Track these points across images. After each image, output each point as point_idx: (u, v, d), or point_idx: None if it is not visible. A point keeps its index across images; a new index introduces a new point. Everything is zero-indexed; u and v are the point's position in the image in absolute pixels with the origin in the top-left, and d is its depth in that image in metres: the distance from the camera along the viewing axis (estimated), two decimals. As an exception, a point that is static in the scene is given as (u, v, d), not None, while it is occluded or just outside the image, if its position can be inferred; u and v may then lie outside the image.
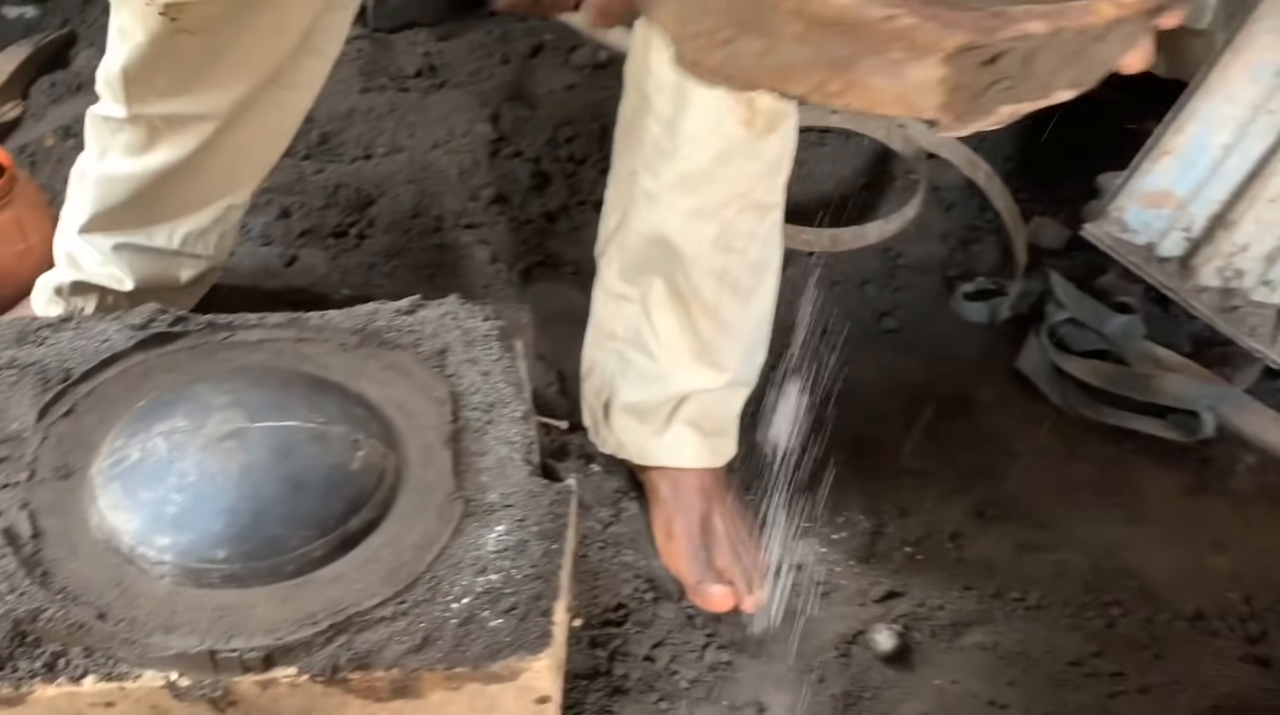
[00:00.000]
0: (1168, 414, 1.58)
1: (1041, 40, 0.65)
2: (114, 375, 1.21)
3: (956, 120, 0.69)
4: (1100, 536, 1.45)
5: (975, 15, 0.64)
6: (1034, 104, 0.70)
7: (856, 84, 0.68)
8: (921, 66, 0.65)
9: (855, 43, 0.66)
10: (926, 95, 0.67)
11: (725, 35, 0.68)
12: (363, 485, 1.12)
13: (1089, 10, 0.65)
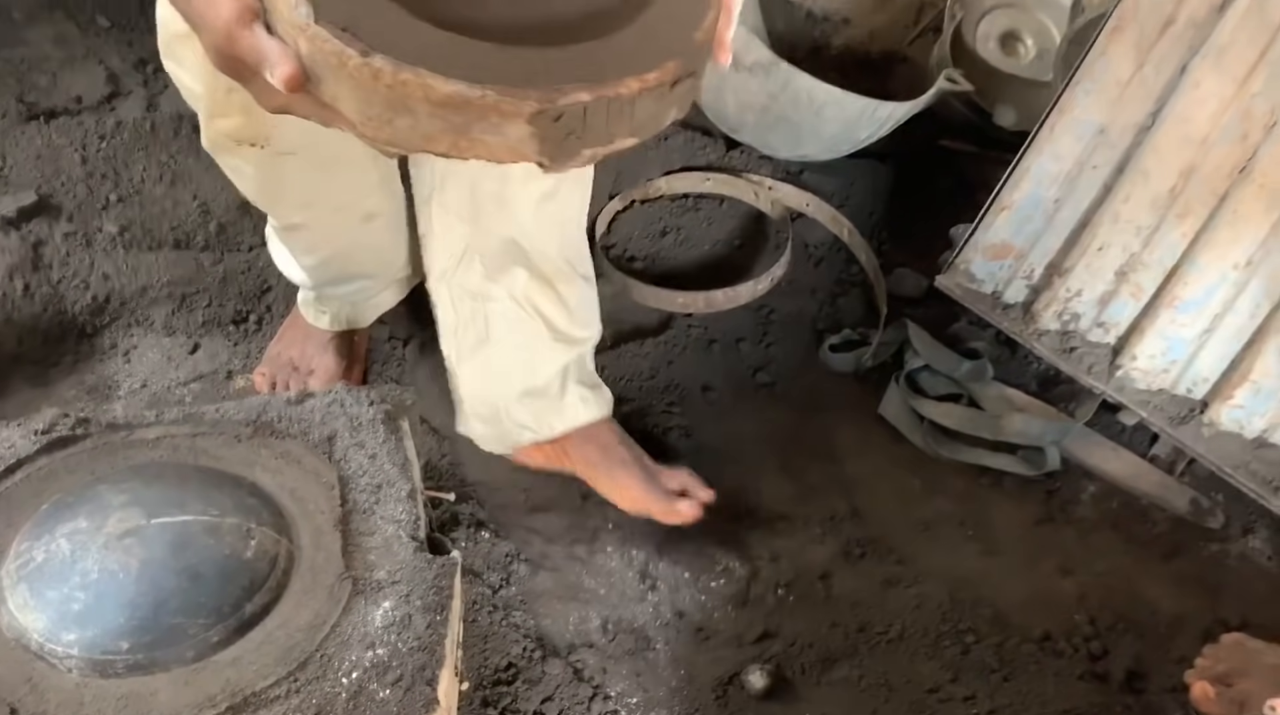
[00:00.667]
0: (1017, 450, 1.72)
1: (590, 104, 0.94)
2: (19, 480, 1.29)
3: (553, 163, 0.96)
4: (958, 568, 1.58)
5: (541, 89, 0.93)
6: (606, 149, 0.98)
7: (477, 142, 0.96)
8: (514, 127, 0.93)
9: (467, 114, 0.94)
10: (525, 146, 0.95)
11: (386, 118, 0.96)
12: (256, 572, 1.21)
13: (621, 84, 0.95)
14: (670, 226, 2.02)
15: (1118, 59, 1.67)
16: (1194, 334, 1.66)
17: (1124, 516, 1.66)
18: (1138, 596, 1.55)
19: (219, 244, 1.86)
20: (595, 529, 1.58)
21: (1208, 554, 1.62)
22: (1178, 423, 1.66)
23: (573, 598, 1.48)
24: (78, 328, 1.74)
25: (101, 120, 1.95)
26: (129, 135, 1.94)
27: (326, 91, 0.97)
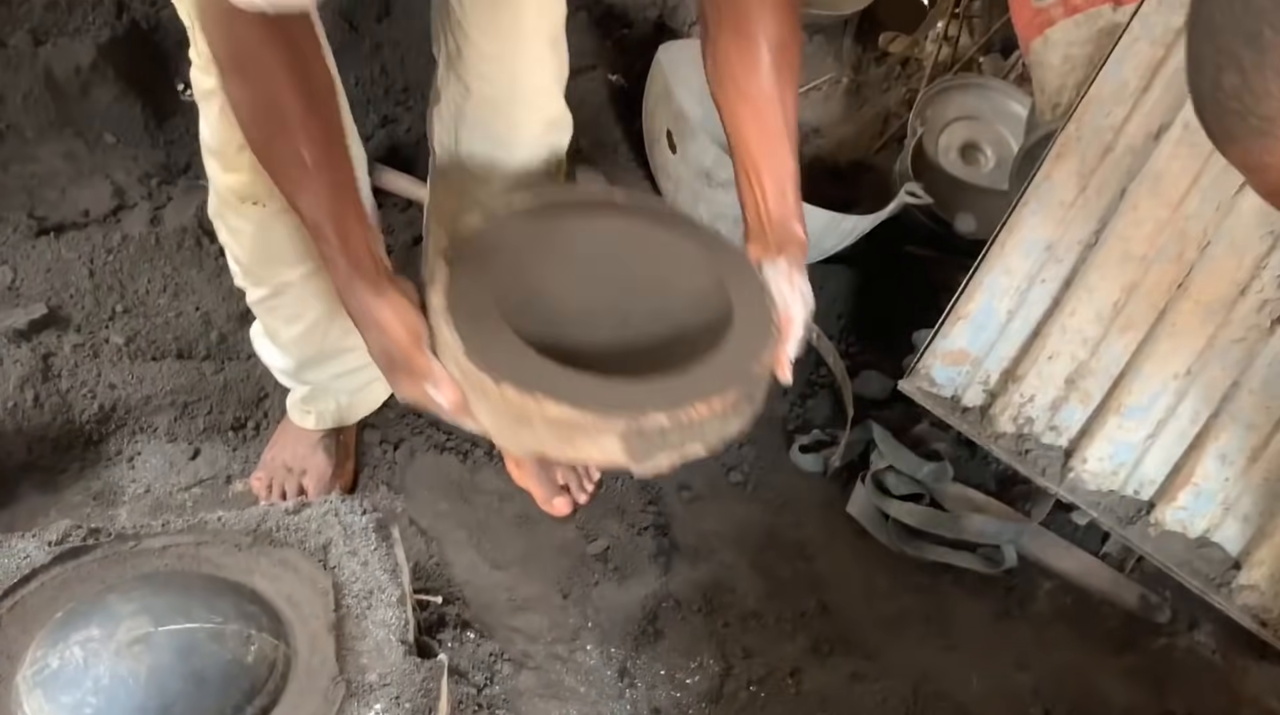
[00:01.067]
0: (977, 548, 1.81)
1: (667, 425, 1.20)
2: (34, 589, 1.38)
3: (638, 467, 1.21)
4: (921, 664, 1.66)
5: (629, 413, 1.19)
6: (680, 456, 1.23)
7: (580, 449, 1.24)
8: (608, 440, 1.21)
9: (573, 429, 1.21)
10: (616, 454, 1.21)
11: (511, 428, 1.24)
12: (256, 676, 1.29)
13: (692, 409, 1.20)
14: (648, 332, 2.13)
15: (1061, 182, 1.80)
16: (1139, 438, 1.76)
17: (1077, 612, 1.75)
18: (1090, 690, 1.64)
19: (219, 353, 1.96)
20: (576, 627, 1.66)
21: (1156, 647, 1.71)
22: (1126, 522, 1.76)
23: (554, 696, 1.56)
24: (85, 436, 1.83)
25: (108, 234, 2.06)
26: (134, 248, 2.05)
27: (474, 405, 1.28)
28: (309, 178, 1.30)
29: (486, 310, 1.29)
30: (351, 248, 1.32)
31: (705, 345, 1.29)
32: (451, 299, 1.30)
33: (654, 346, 1.32)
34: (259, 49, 1.24)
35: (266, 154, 1.32)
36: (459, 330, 1.27)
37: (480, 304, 1.30)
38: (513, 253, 1.37)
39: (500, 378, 1.22)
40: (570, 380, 1.23)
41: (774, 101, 1.43)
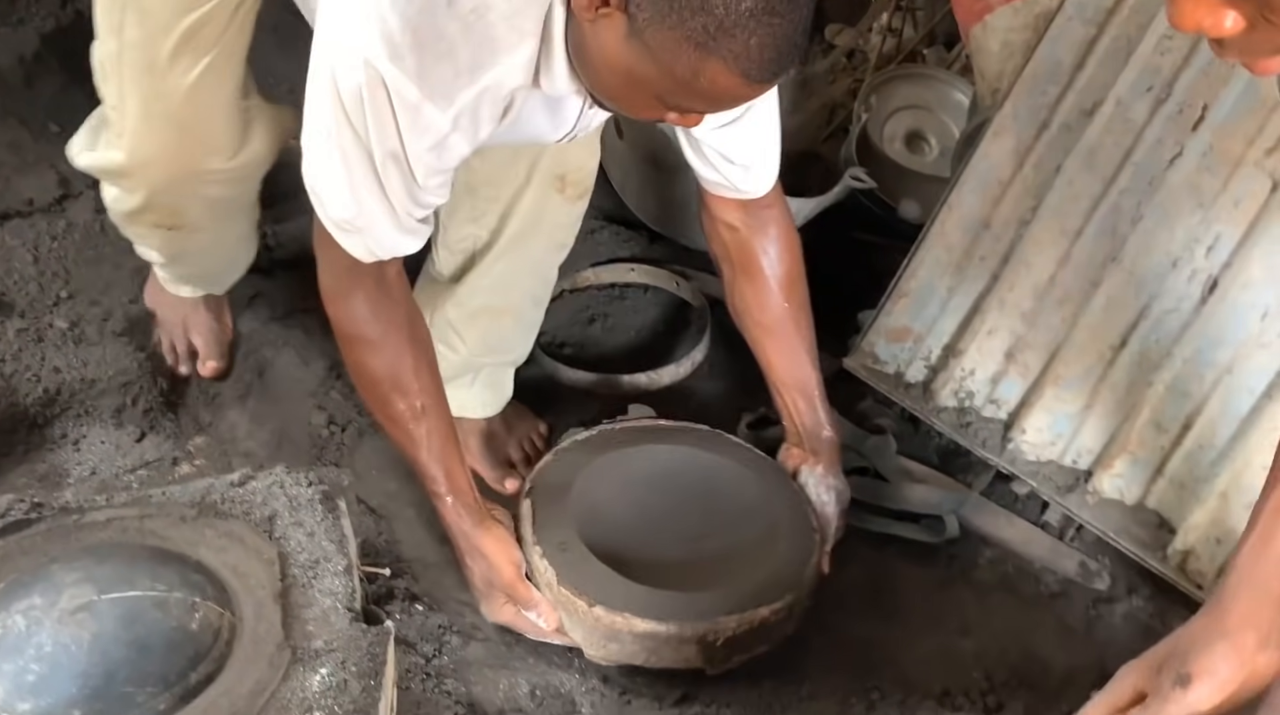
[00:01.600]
0: (920, 519, 1.84)
1: (736, 631, 1.52)
2: (-23, 564, 1.37)
3: (711, 667, 1.52)
4: (867, 630, 1.68)
5: (704, 623, 1.52)
6: (748, 655, 1.55)
7: (662, 656, 1.51)
8: (687, 647, 1.51)
9: (656, 640, 1.51)
10: (693, 657, 1.53)
11: (602, 642, 1.52)
12: (201, 643, 1.29)
13: (755, 615, 1.51)
14: (598, 314, 2.15)
15: (999, 161, 1.84)
16: (1077, 409, 1.80)
17: (1018, 579, 1.78)
18: (1031, 654, 1.67)
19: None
20: (524, 601, 1.67)
21: (1095, 614, 1.74)
22: (1065, 491, 1.79)
23: (502, 666, 1.57)
24: (29, 419, 1.82)
25: (53, 222, 2.06)
26: (79, 236, 2.04)
27: (566, 626, 1.54)
28: (422, 427, 1.50)
29: (570, 539, 1.55)
30: (456, 485, 1.53)
31: (761, 555, 1.58)
32: (539, 532, 1.56)
33: (715, 559, 1.59)
34: (378, 307, 1.45)
35: (384, 411, 1.51)
36: (551, 560, 1.53)
37: (564, 533, 1.56)
38: (583, 482, 1.64)
39: (593, 602, 1.49)
40: (650, 597, 1.51)
41: (789, 327, 1.73)
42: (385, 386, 1.49)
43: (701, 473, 1.71)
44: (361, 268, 1.41)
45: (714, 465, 1.72)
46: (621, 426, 1.79)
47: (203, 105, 1.58)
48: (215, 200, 1.72)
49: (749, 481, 1.70)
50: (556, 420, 1.96)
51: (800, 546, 1.63)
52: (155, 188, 1.67)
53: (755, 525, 1.65)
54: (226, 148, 1.65)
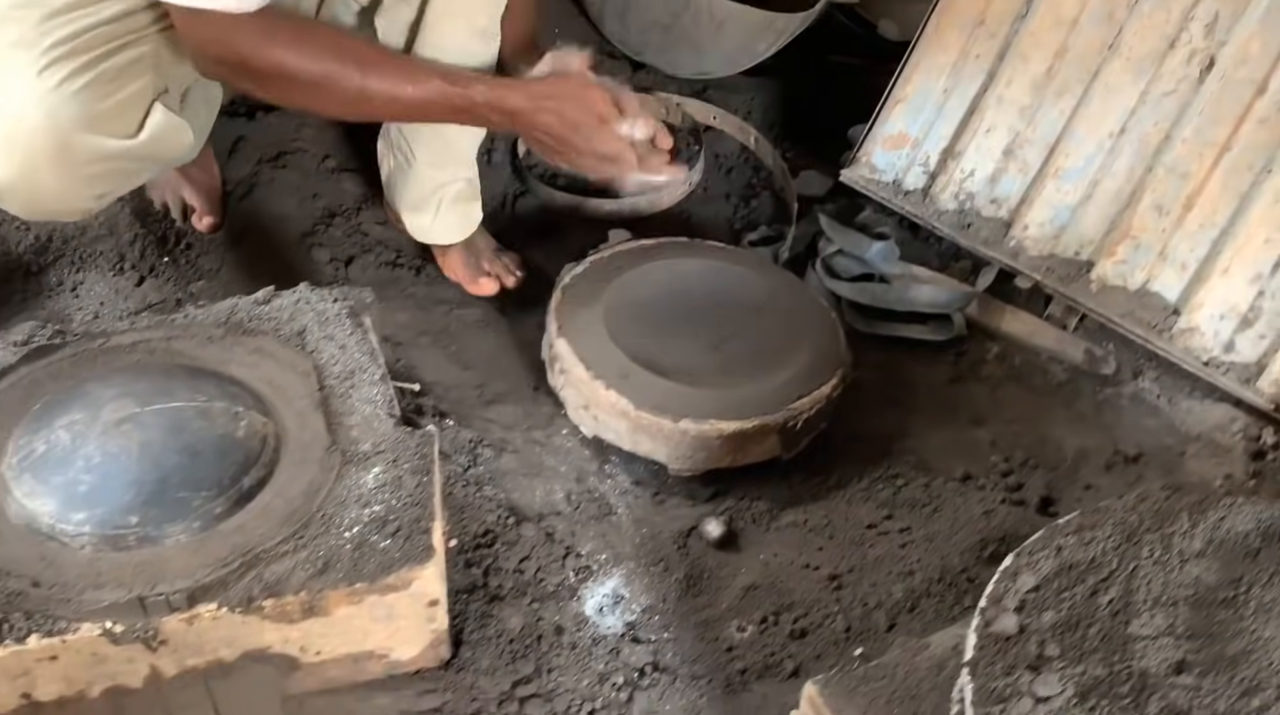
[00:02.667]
0: (927, 320, 1.86)
1: (807, 411, 1.59)
2: (3, 388, 1.35)
3: (788, 452, 1.59)
4: (884, 426, 1.72)
5: (782, 412, 1.56)
6: (816, 432, 1.63)
7: (747, 452, 1.58)
8: (770, 438, 1.58)
9: (743, 438, 1.56)
10: (774, 446, 1.57)
11: (689, 455, 1.57)
12: (249, 449, 1.29)
13: (820, 390, 1.60)
14: (587, 145, 2.13)
15: (992, -47, 1.83)
16: (1077, 200, 1.82)
17: (1026, 371, 1.82)
18: (1045, 438, 1.71)
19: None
20: (549, 415, 1.68)
21: (1103, 397, 1.78)
22: (1069, 282, 1.82)
23: (536, 475, 1.58)
24: (23, 267, 1.77)
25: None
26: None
27: (644, 447, 1.56)
28: (400, 62, 1.48)
29: (627, 366, 1.57)
30: (474, 76, 1.50)
31: (796, 341, 1.65)
32: (593, 367, 1.57)
33: (757, 354, 1.64)
34: (290, 33, 1.38)
35: (359, 88, 1.42)
36: (620, 389, 1.54)
37: (619, 363, 1.58)
38: (609, 311, 1.65)
39: (678, 417, 1.52)
40: (727, 400, 1.55)
41: None
42: (346, 67, 1.42)
43: (708, 281, 1.74)
44: (243, 23, 1.33)
45: (716, 272, 1.76)
46: (614, 252, 1.78)
47: None
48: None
49: (752, 280, 1.75)
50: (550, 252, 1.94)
51: (827, 326, 1.70)
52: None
53: (777, 317, 1.69)
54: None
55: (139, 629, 1.15)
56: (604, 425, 1.58)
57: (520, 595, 1.41)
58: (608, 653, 1.39)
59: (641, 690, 1.35)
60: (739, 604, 1.46)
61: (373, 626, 1.23)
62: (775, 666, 1.39)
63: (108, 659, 1.15)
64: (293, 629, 1.20)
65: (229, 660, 1.20)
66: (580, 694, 1.34)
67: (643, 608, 1.45)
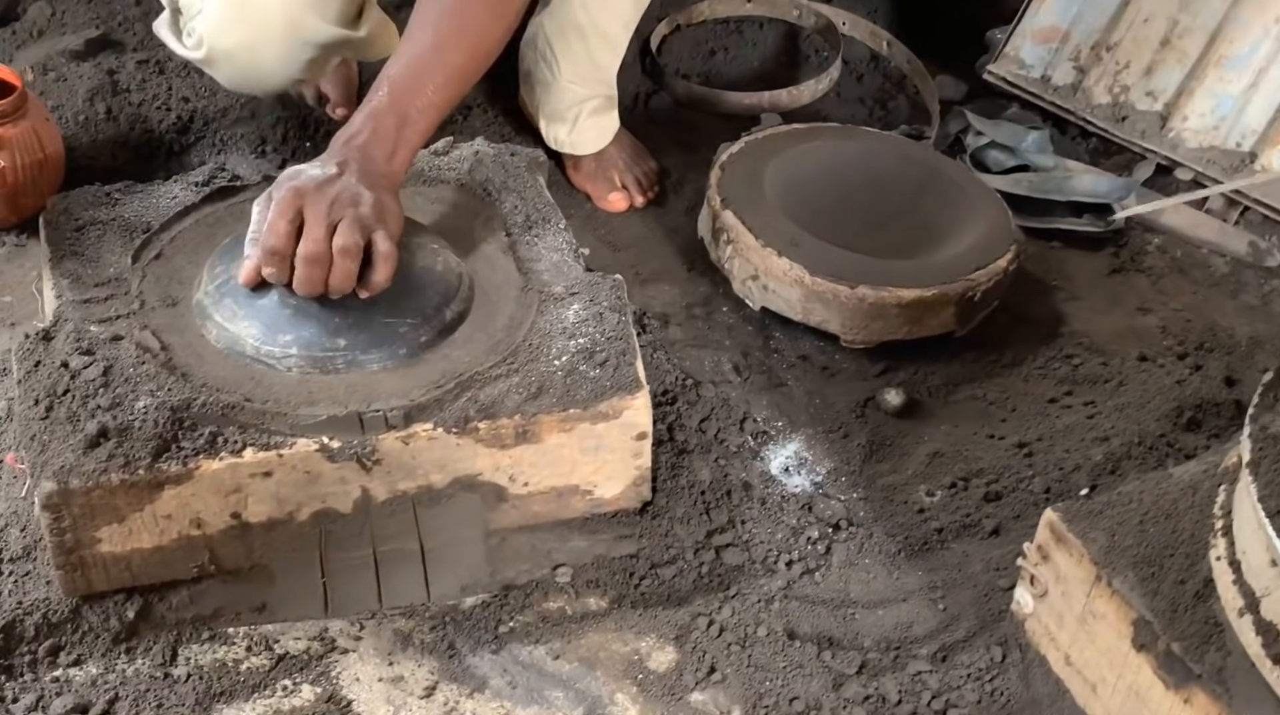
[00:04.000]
0: (1084, 213, 1.82)
1: (985, 282, 1.54)
2: (190, 224, 1.32)
3: (962, 328, 1.54)
4: (1050, 311, 1.67)
5: (961, 281, 1.51)
6: (992, 306, 1.58)
7: (923, 325, 1.53)
8: (947, 310, 1.52)
9: (920, 309, 1.52)
10: (950, 319, 1.53)
11: (863, 324, 1.51)
12: (449, 283, 1.25)
13: (998, 263, 1.56)
14: (718, 48, 2.09)
15: None
16: (1240, 89, 1.78)
17: (1188, 263, 1.77)
18: (1214, 326, 1.66)
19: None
20: (707, 294, 1.64)
21: (1270, 289, 1.73)
22: (1230, 174, 1.78)
23: (703, 346, 1.54)
24: (166, 146, 1.74)
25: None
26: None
27: (816, 317, 1.51)
28: None
29: (797, 234, 1.53)
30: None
31: (965, 216, 1.62)
32: (762, 236, 1.52)
33: (927, 228, 1.61)
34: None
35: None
36: (792, 257, 1.50)
37: (787, 230, 1.54)
38: (770, 185, 1.61)
39: (855, 283, 1.48)
40: (905, 269, 1.51)
41: None
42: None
43: (866, 162, 1.71)
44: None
45: (873, 153, 1.73)
46: (769, 133, 1.75)
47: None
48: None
49: (911, 161, 1.72)
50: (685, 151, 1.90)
51: (995, 203, 1.66)
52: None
53: (941, 196, 1.66)
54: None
55: (356, 446, 1.11)
56: (774, 295, 1.54)
57: (706, 452, 1.37)
58: (799, 508, 1.34)
59: (839, 543, 1.31)
60: (925, 470, 1.42)
61: (580, 458, 1.19)
62: (973, 526, 1.35)
63: (321, 478, 1.12)
64: (504, 455, 1.16)
65: (438, 486, 1.16)
66: (776, 545, 1.30)
67: (827, 470, 1.41)
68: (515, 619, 1.21)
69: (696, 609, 1.23)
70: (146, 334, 1.16)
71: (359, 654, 1.16)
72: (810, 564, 1.29)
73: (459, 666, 1.17)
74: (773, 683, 1.16)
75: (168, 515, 1.09)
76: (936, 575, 1.29)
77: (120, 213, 1.30)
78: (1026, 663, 1.15)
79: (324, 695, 1.12)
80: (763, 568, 1.28)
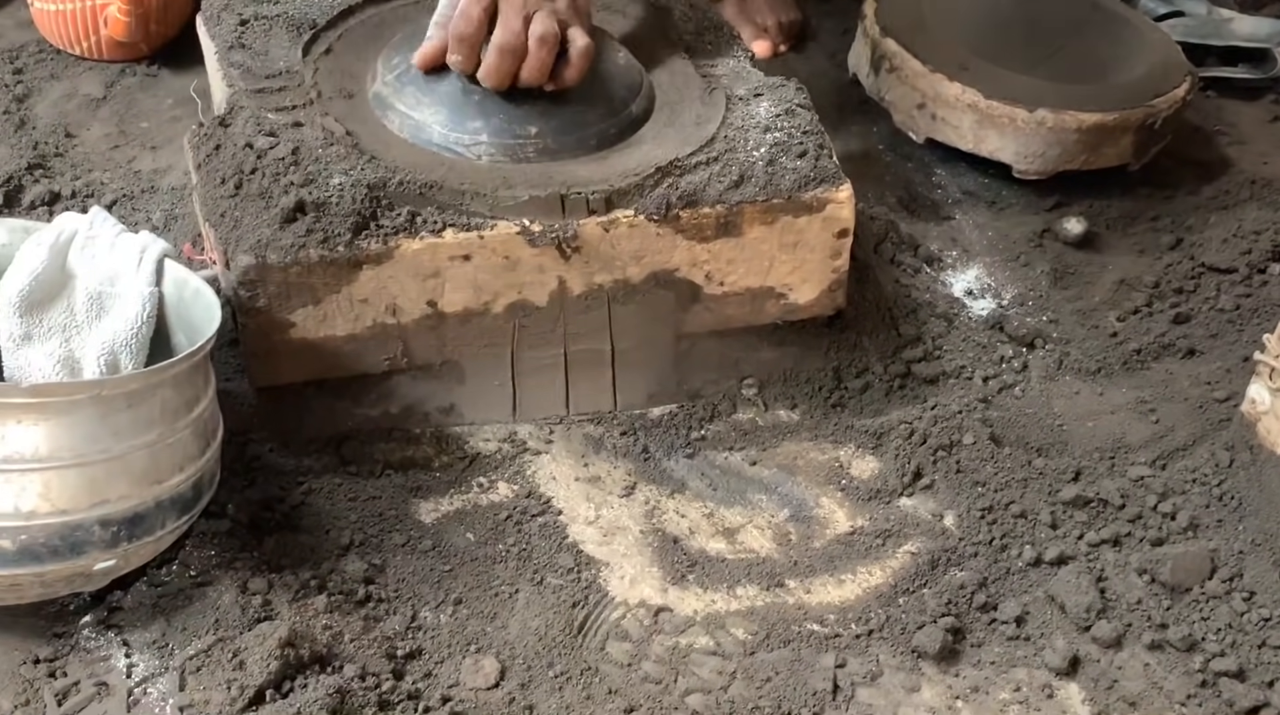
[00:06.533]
0: (1239, 60, 1.74)
1: (1165, 109, 1.45)
2: (355, 23, 1.26)
3: (1136, 161, 1.46)
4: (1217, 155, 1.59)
5: (1142, 106, 1.43)
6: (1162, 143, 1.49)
7: (1100, 155, 1.44)
8: (1125, 137, 1.43)
9: (1099, 134, 1.42)
10: (1127, 151, 1.44)
11: (1039, 151, 1.42)
12: (632, 79, 1.19)
13: (1178, 89, 1.46)
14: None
15: None
16: None
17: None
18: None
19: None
20: (861, 132, 1.57)
21: None
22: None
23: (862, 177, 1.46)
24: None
25: None
26: None
27: (989, 146, 1.43)
28: None
29: (966, 57, 1.46)
30: None
31: (1135, 45, 1.54)
32: (928, 55, 1.45)
33: (1099, 57, 1.52)
34: None
35: None
36: (968, 81, 1.42)
37: (958, 54, 1.46)
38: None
39: (1034, 106, 1.40)
40: (1085, 91, 1.43)
41: None
42: None
43: None
44: None
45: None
46: None
47: None
48: None
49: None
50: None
51: (1161, 36, 1.59)
52: None
53: (1106, 30, 1.58)
54: None
55: (558, 229, 1.05)
56: (943, 124, 1.47)
57: (885, 271, 1.31)
58: (988, 327, 1.29)
59: (1037, 359, 1.25)
60: (1113, 297, 1.35)
61: (780, 256, 1.14)
62: (1171, 347, 1.29)
63: (519, 264, 1.06)
64: (703, 249, 1.11)
65: (635, 281, 1.10)
66: (969, 360, 1.24)
67: (1012, 295, 1.34)
68: (706, 427, 1.16)
69: (895, 418, 1.17)
70: (329, 120, 1.11)
71: (552, 455, 1.11)
72: (1007, 379, 1.23)
73: (655, 469, 1.12)
74: (985, 487, 1.11)
75: (364, 299, 1.04)
76: (1144, 391, 1.23)
77: (284, 9, 1.24)
78: (1259, 464, 1.09)
79: (522, 492, 1.08)
80: (957, 382, 1.22)
